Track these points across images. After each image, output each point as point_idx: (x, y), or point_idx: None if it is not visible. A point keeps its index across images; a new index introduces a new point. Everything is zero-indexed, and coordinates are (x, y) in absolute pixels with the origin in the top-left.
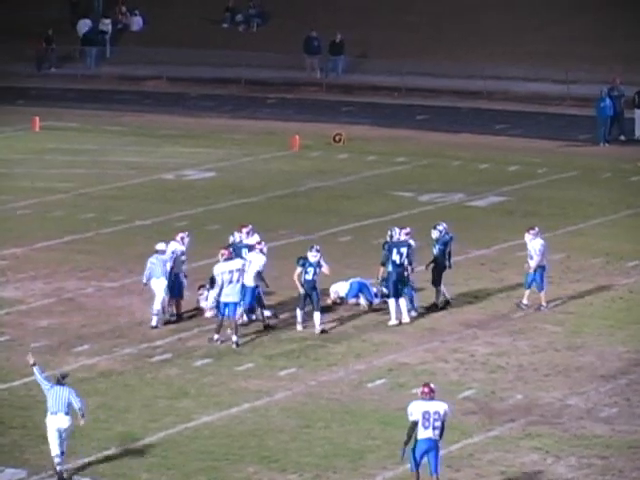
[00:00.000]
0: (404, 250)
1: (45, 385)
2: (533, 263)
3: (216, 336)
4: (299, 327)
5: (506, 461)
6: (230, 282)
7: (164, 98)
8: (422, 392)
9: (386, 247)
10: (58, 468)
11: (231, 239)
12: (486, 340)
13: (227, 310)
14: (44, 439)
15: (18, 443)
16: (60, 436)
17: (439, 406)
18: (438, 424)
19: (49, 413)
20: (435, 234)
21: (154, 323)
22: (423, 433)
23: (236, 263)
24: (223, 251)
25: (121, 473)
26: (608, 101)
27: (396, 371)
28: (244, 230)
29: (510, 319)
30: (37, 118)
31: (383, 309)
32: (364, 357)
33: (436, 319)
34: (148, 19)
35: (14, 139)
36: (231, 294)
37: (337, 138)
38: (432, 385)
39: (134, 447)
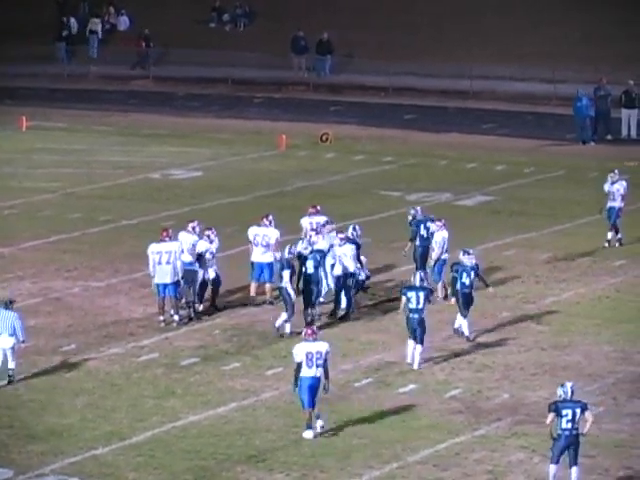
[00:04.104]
0: (430, 225)
1: None
2: (434, 255)
3: (161, 317)
4: (410, 361)
5: (493, 460)
6: (159, 263)
7: (151, 98)
8: (305, 334)
9: (413, 223)
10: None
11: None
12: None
13: (166, 291)
14: (31, 439)
15: (4, 442)
16: (4, 354)
17: (321, 346)
18: (320, 362)
19: None
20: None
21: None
22: (307, 372)
23: (170, 245)
24: (162, 232)
25: (108, 473)
26: (585, 100)
27: (383, 370)
28: (190, 225)
29: (497, 318)
30: (24, 118)
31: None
32: (351, 356)
33: None
34: (135, 19)
35: (1, 139)
36: (162, 275)
37: (324, 137)
38: (314, 327)
39: (121, 446)
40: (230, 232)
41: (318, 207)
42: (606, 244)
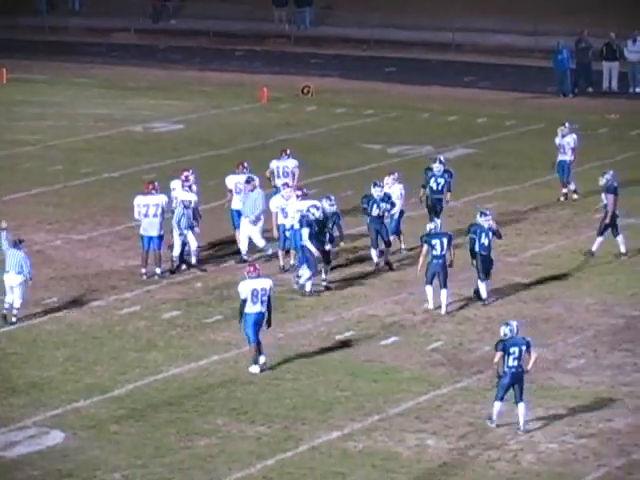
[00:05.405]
0: (441, 181)
1: (3, 246)
2: (396, 209)
3: (143, 270)
4: (432, 307)
5: (474, 412)
6: (146, 216)
7: (132, 50)
8: (248, 272)
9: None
10: (4, 312)
11: None
12: (454, 291)
13: (151, 244)
14: (12, 391)
15: None
16: (12, 291)
17: (265, 283)
18: (265, 299)
19: (5, 272)
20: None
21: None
22: (252, 308)
23: (156, 198)
24: (148, 185)
25: (90, 425)
26: (566, 53)
27: (364, 323)
28: (184, 174)
29: None
30: (5, 70)
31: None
32: (332, 309)
33: (404, 271)
34: None
35: None
36: (149, 228)
37: (306, 90)
38: (256, 264)
39: (103, 399)
40: (212, 185)
41: (288, 151)
42: (562, 198)
